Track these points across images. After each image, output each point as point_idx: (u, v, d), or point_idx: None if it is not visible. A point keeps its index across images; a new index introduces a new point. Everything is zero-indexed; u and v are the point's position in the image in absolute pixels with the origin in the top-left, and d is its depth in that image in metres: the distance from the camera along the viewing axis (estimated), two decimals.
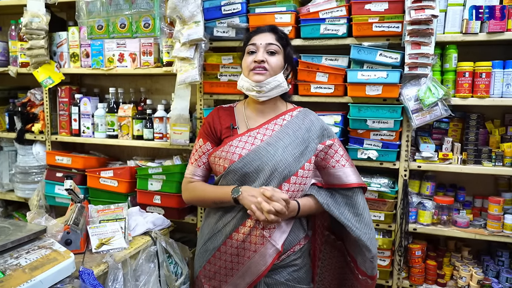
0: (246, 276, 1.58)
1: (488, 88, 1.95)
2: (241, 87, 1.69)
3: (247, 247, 1.57)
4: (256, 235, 1.56)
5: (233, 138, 1.64)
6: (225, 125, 1.70)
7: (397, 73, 1.96)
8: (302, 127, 1.66)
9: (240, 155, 1.58)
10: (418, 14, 1.82)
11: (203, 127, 1.76)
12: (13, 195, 2.93)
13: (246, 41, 1.69)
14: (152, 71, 2.45)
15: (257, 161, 1.57)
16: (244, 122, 1.70)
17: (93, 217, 1.92)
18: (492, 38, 1.91)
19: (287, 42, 1.70)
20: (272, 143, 1.60)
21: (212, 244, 1.65)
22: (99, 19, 2.24)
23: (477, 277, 2.02)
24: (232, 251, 1.59)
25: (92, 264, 1.60)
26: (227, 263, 1.61)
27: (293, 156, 1.59)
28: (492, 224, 2.02)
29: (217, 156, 1.64)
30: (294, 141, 1.62)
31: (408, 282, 2.15)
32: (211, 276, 1.66)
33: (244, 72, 1.67)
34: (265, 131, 1.64)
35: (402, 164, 2.07)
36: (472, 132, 2.07)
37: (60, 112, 2.75)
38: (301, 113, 1.72)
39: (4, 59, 2.88)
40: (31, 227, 1.51)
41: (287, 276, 1.62)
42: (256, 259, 1.56)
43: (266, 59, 1.60)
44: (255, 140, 1.61)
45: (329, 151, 1.65)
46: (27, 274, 1.28)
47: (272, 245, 1.56)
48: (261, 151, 1.58)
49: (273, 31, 1.68)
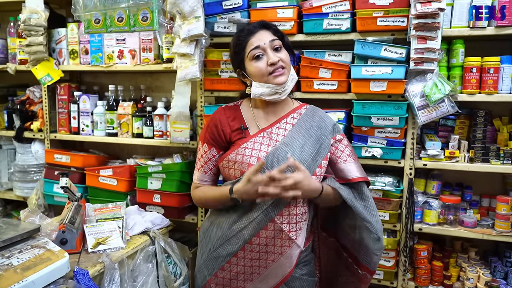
0: (270, 278, 1.54)
1: (496, 84, 1.90)
2: (259, 95, 1.56)
3: (270, 250, 1.52)
4: (282, 238, 1.51)
5: (247, 140, 1.55)
6: (235, 127, 1.60)
7: (402, 69, 1.92)
8: (314, 124, 1.61)
9: (258, 158, 1.50)
10: (424, 7, 1.77)
11: (208, 129, 1.63)
12: (11, 194, 2.91)
13: (241, 47, 1.56)
14: (152, 68, 2.41)
15: (277, 163, 1.48)
16: (254, 122, 1.62)
17: (90, 216, 1.88)
18: (501, 33, 1.86)
19: (281, 33, 1.61)
20: (289, 143, 1.54)
21: (225, 251, 1.57)
22: (96, 12, 2.21)
23: (485, 279, 1.97)
24: (253, 255, 1.53)
25: (87, 264, 1.56)
26: (247, 268, 1.55)
27: (310, 155, 1.53)
28: (500, 224, 1.97)
29: (231, 160, 1.54)
30: (309, 139, 1.56)
31: (414, 284, 2.11)
32: (226, 283, 1.58)
33: (257, 78, 1.55)
34: (278, 130, 1.57)
35: (407, 162, 2.02)
36: (480, 129, 2.02)
37: (59, 110, 2.72)
38: (309, 110, 1.66)
39: (3, 56, 2.85)
40: (24, 226, 1.48)
41: (300, 271, 1.60)
42: (282, 261, 1.52)
43: (280, 57, 1.52)
44: (270, 141, 1.54)
45: (339, 146, 1.61)
46: (18, 274, 1.25)
47: (298, 246, 1.54)
48: (280, 152, 1.51)
49: (265, 27, 1.57)
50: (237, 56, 1.59)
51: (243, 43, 1.55)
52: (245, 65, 1.58)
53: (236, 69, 1.65)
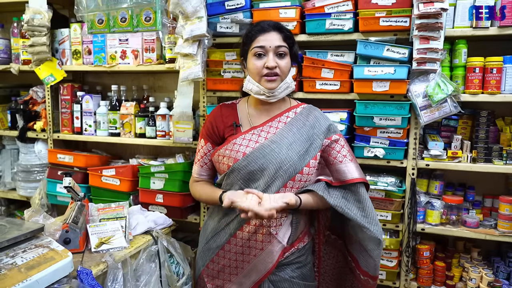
0: (252, 274, 1.58)
1: (499, 84, 1.90)
2: (249, 90, 1.64)
3: (252, 245, 1.57)
4: (262, 233, 1.56)
5: (237, 136, 1.62)
6: (228, 123, 1.67)
7: (404, 69, 1.92)
8: (307, 124, 1.63)
9: (244, 153, 1.56)
10: (427, 7, 1.77)
11: (205, 126, 1.74)
12: (15, 194, 2.91)
13: (249, 40, 1.60)
14: (154, 68, 2.42)
15: (261, 159, 1.55)
16: (248, 120, 1.67)
17: (93, 215, 1.89)
18: (503, 33, 1.85)
19: (293, 41, 1.63)
20: (277, 141, 1.57)
21: (215, 243, 1.64)
22: (99, 13, 2.21)
23: (487, 279, 1.97)
24: (237, 249, 1.59)
25: (91, 264, 1.57)
26: (232, 261, 1.61)
27: (298, 154, 1.56)
28: (503, 224, 1.97)
29: (220, 154, 1.63)
30: (299, 138, 1.59)
31: (416, 284, 2.10)
32: (215, 275, 1.65)
33: (252, 75, 1.61)
34: (269, 128, 1.62)
35: (410, 163, 2.02)
36: (482, 130, 2.01)
37: (62, 110, 2.73)
38: (305, 110, 1.69)
39: (6, 56, 2.85)
40: (28, 226, 1.48)
41: (291, 273, 1.61)
42: (263, 257, 1.56)
43: (277, 63, 1.55)
44: (259, 138, 1.59)
45: (336, 146, 1.62)
46: (23, 273, 1.25)
47: (279, 242, 1.56)
48: (265, 149, 1.56)
49: (278, 30, 1.59)
50: (244, 46, 1.64)
51: (252, 37, 1.59)
52: (247, 57, 1.62)
53: (241, 57, 1.70)
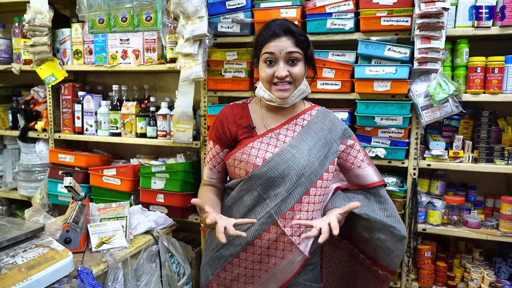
0: (270, 283, 1.52)
1: (501, 83, 1.89)
2: (261, 96, 1.55)
3: (272, 253, 1.50)
4: (284, 242, 1.48)
5: (254, 139, 1.52)
6: (242, 125, 1.57)
7: (406, 69, 1.91)
8: (324, 128, 1.57)
9: (264, 158, 1.47)
10: (428, 7, 1.76)
11: (214, 127, 1.61)
12: (16, 194, 2.92)
13: (259, 44, 1.50)
14: (155, 68, 2.42)
15: (282, 166, 1.47)
16: (262, 122, 1.58)
17: (94, 215, 1.89)
18: (505, 32, 1.85)
19: (307, 44, 1.51)
20: (296, 146, 1.50)
21: (228, 251, 1.55)
22: (100, 12, 2.21)
23: (489, 279, 1.96)
24: (255, 258, 1.51)
25: (91, 263, 1.57)
26: (248, 270, 1.53)
27: (318, 159, 1.50)
28: (505, 224, 1.96)
29: (237, 158, 1.52)
30: (317, 143, 1.53)
31: (417, 284, 2.10)
32: (227, 284, 1.56)
33: (263, 83, 1.52)
34: (286, 131, 1.54)
35: (411, 163, 2.01)
36: (484, 130, 2.00)
37: (63, 109, 2.73)
38: (321, 113, 1.62)
39: (7, 56, 2.86)
40: (28, 225, 1.48)
41: (304, 276, 1.56)
42: (284, 266, 1.50)
43: (289, 71, 1.45)
44: (278, 142, 1.51)
45: (352, 151, 1.58)
46: (23, 273, 1.25)
47: (301, 252, 1.49)
48: (286, 154, 1.48)
49: (290, 34, 1.46)
50: (255, 50, 1.54)
51: (262, 42, 1.48)
52: (258, 62, 1.53)
53: (254, 58, 1.58)
